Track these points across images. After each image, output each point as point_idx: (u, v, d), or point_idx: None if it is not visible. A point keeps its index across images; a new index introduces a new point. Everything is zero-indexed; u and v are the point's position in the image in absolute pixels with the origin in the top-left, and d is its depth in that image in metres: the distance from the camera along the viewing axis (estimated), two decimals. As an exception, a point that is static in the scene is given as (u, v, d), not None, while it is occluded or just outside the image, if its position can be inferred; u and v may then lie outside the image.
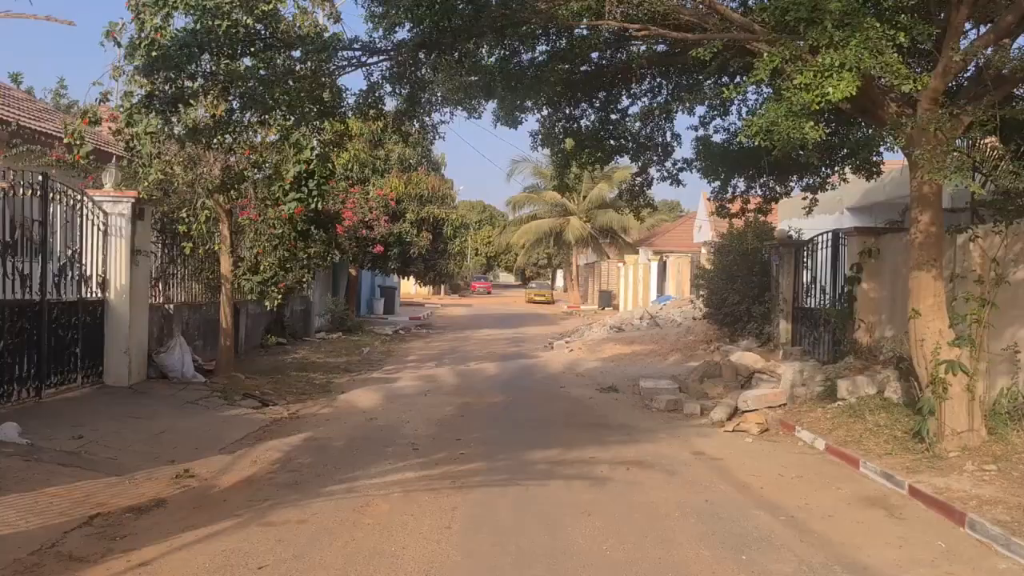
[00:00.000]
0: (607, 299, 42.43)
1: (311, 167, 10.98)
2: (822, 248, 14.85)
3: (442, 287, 57.09)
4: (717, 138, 12.98)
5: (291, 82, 7.84)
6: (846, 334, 12.95)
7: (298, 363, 15.61)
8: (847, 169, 12.40)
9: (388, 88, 9.15)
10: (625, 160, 41.69)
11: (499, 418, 10.81)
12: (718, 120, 12.39)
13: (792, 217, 18.47)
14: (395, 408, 11.35)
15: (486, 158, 57.27)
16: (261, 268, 11.90)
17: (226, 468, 7.71)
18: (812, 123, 6.35)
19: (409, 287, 44.89)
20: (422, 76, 9.45)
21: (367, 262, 23.92)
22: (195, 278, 13.30)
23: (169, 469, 7.47)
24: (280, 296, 12.05)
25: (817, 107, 6.11)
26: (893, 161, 15.47)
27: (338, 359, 16.87)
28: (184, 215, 11.15)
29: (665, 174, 12.70)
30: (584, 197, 48.47)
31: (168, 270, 12.54)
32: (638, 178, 12.80)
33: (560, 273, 76.70)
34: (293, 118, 8.61)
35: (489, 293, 71.89)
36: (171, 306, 12.49)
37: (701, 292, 19.74)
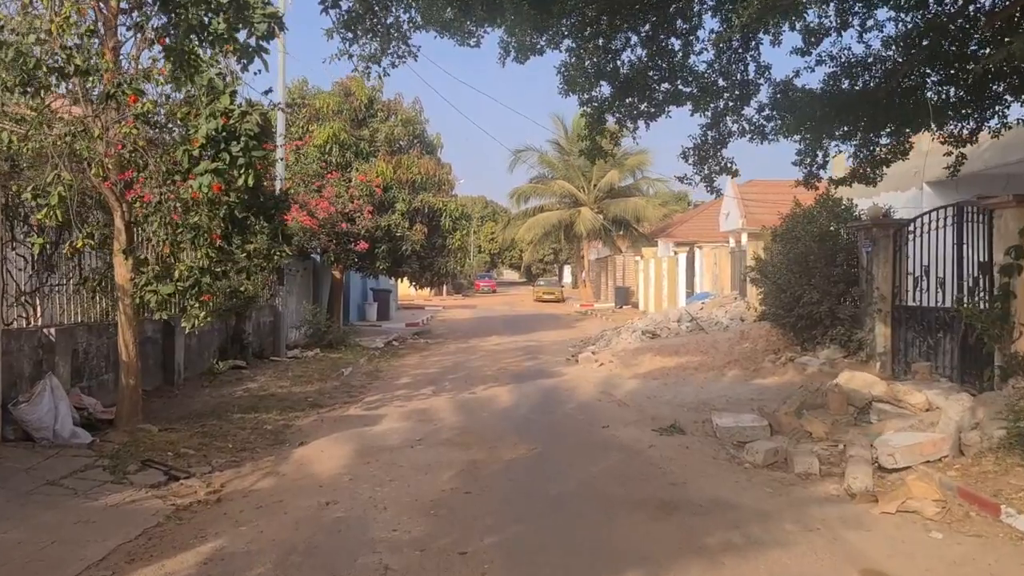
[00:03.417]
0: (624, 296, 38.73)
1: (232, 123, 7.30)
2: (936, 228, 11.18)
3: (444, 287, 53.37)
4: (811, 79, 9.35)
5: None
6: (1001, 345, 9.27)
7: (250, 397, 11.89)
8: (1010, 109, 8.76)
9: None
10: (635, 144, 37.85)
11: (523, 493, 7.11)
12: (824, 47, 8.75)
13: (856, 196, 14.85)
14: (369, 475, 7.66)
15: (488, 134, 53.54)
16: (177, 274, 8.20)
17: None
18: None
19: (408, 288, 41.17)
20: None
21: (351, 262, 20.16)
22: (98, 288, 9.60)
23: None
24: (204, 314, 8.35)
25: None
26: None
27: (307, 388, 13.15)
28: (30, 196, 7.41)
29: (746, 126, 9.00)
30: (594, 185, 44.82)
31: (47, 279, 8.84)
32: (709, 132, 9.06)
33: (568, 269, 73.14)
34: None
35: (494, 292, 68.25)
36: (52, 330, 8.79)
37: (760, 288, 16.00)
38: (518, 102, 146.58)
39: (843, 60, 8.67)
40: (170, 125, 8.08)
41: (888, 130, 9.59)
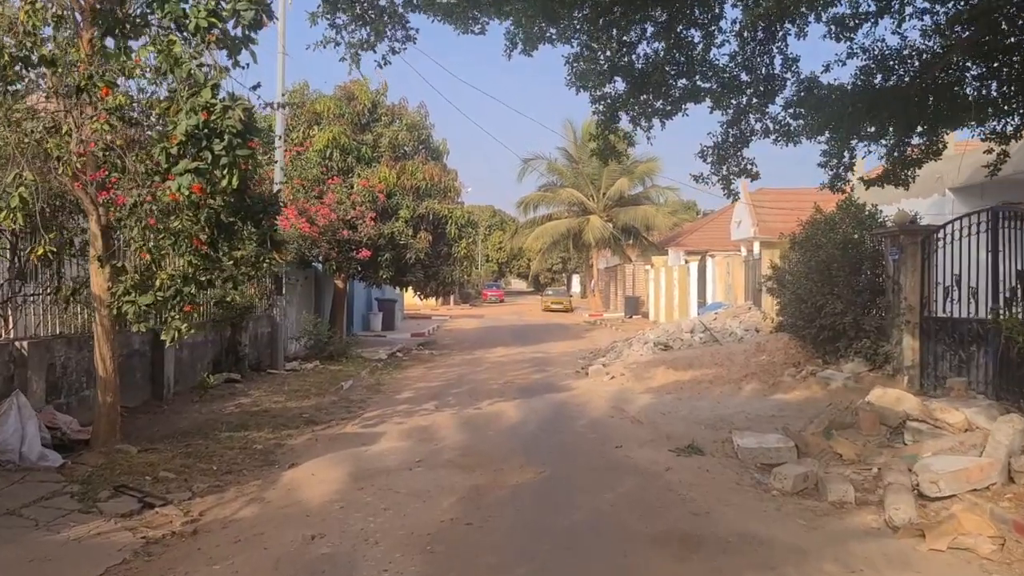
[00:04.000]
0: (634, 306, 38.03)
1: (214, 118, 6.72)
2: (968, 235, 10.51)
3: (451, 297, 52.78)
4: (841, 73, 8.70)
5: None
6: (1047, 360, 8.60)
7: (242, 413, 11.27)
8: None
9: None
10: (649, 147, 37.75)
11: (531, 525, 6.45)
12: (857, 39, 8.08)
13: (878, 201, 14.18)
14: (362, 502, 7.02)
15: (496, 139, 53.13)
16: (157, 283, 7.61)
17: None
18: None
19: (415, 298, 40.53)
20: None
21: (353, 271, 19.55)
22: (73, 298, 9.00)
23: None
24: (187, 326, 7.75)
25: None
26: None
27: (303, 402, 12.53)
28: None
29: (770, 125, 8.36)
30: (604, 193, 44.22)
31: (20, 288, 8.26)
32: (730, 130, 8.41)
33: (576, 278, 72.53)
34: None
35: (501, 301, 67.56)
36: (24, 343, 8.20)
37: (777, 298, 15.32)
38: (526, 106, 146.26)
39: (876, 52, 8.03)
40: (151, 119, 7.50)
41: (921, 129, 8.92)
